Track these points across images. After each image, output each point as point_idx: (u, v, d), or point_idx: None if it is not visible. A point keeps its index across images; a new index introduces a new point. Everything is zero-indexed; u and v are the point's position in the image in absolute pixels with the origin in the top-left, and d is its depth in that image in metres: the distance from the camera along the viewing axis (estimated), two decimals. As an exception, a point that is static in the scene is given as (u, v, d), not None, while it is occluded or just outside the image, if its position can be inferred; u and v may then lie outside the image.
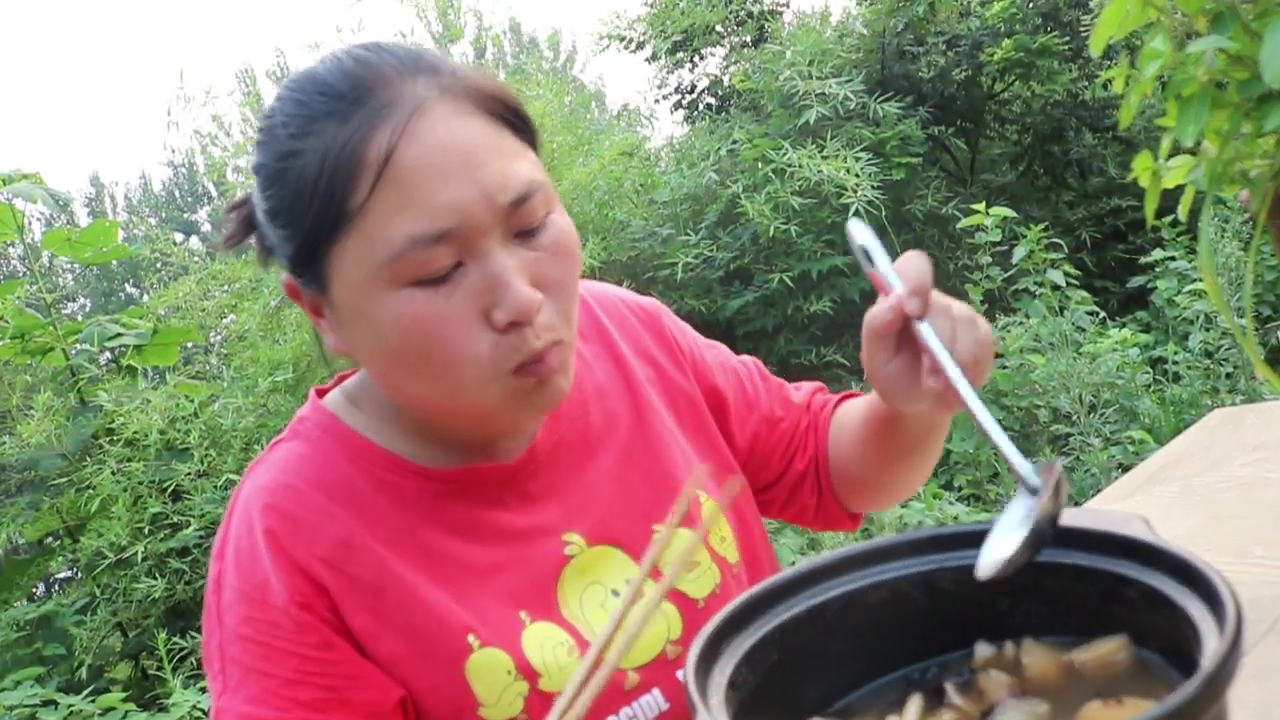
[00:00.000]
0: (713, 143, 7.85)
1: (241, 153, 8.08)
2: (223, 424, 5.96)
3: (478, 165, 1.10)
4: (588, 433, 1.37)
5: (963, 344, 1.14)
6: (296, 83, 1.16)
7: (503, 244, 1.12)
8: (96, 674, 5.35)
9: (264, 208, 1.17)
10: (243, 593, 1.18)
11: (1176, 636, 0.82)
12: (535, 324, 1.13)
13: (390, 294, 1.10)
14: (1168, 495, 1.81)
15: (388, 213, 1.08)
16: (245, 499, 1.24)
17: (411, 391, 1.20)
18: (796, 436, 1.55)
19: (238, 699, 1.14)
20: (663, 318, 1.55)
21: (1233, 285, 5.57)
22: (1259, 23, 1.04)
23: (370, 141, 1.08)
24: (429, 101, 1.11)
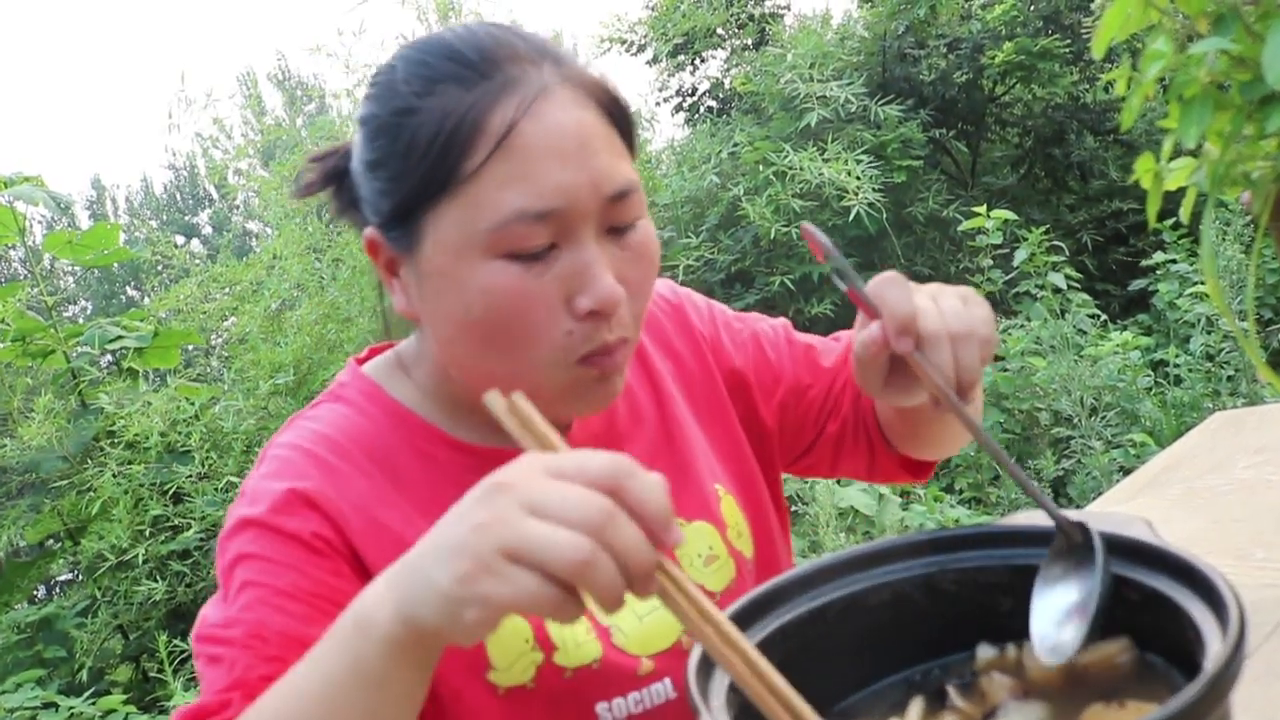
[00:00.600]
0: (714, 145, 7.86)
1: (243, 155, 8.09)
2: (224, 426, 5.97)
3: (591, 153, 1.13)
4: (615, 426, 1.39)
5: (966, 364, 1.07)
6: (424, 44, 1.18)
7: (596, 236, 1.14)
8: (97, 676, 5.36)
9: (365, 158, 1.19)
10: (254, 519, 1.18)
11: (1179, 639, 0.81)
12: (612, 320, 1.16)
13: (484, 262, 1.12)
14: (1169, 498, 1.81)
15: (499, 183, 1.10)
16: (282, 444, 1.26)
17: (477, 364, 1.20)
18: (829, 400, 1.52)
19: (230, 608, 1.13)
20: (686, 305, 1.55)
21: (1234, 288, 5.58)
22: (1261, 24, 1.04)
23: (493, 112, 1.10)
24: (553, 86, 1.13)
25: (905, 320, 1.05)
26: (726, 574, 1.36)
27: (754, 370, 1.52)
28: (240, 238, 13.34)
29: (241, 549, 1.16)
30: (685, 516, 1.37)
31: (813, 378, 1.53)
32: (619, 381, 1.22)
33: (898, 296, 1.06)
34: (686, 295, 1.58)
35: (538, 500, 0.81)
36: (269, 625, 1.11)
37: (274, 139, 8.30)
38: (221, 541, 1.20)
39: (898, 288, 1.07)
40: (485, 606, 0.81)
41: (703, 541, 1.36)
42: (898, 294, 1.06)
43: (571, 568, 0.78)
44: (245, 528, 1.18)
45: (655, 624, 1.30)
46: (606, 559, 0.78)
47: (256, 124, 9.32)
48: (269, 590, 1.13)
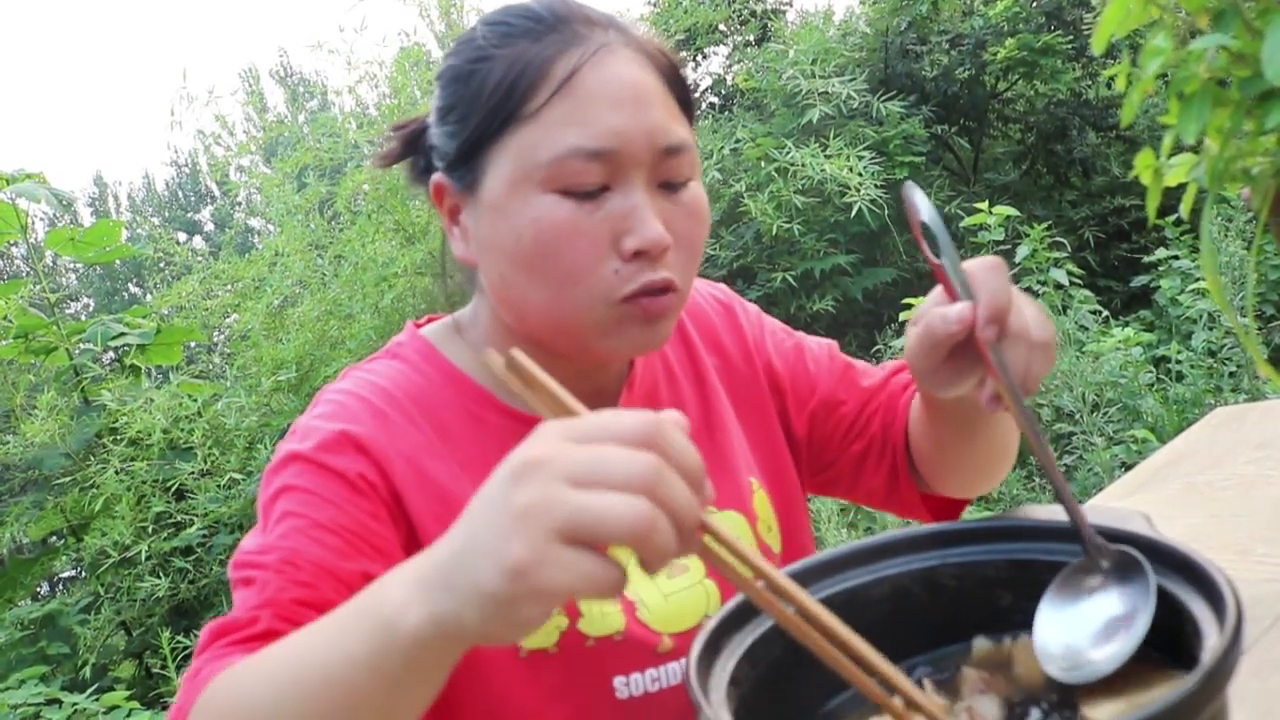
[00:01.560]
0: (716, 142, 7.85)
1: (245, 152, 8.08)
2: (226, 423, 5.98)
3: (647, 105, 1.20)
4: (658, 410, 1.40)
5: (1034, 373, 1.07)
6: (505, 8, 1.27)
7: (647, 184, 1.20)
8: (100, 673, 5.37)
9: (438, 105, 1.27)
10: (300, 454, 1.21)
11: (1177, 633, 0.82)
12: (657, 264, 1.20)
13: (539, 196, 1.18)
14: (1170, 493, 1.81)
15: (558, 121, 1.17)
16: (336, 389, 1.30)
17: (527, 298, 1.24)
18: (860, 420, 1.54)
19: (269, 536, 1.15)
20: (736, 307, 1.60)
21: (1235, 284, 5.57)
22: (1261, 20, 1.04)
23: (558, 60, 1.19)
24: (616, 45, 1.23)
25: (999, 309, 1.05)
26: None
27: (791, 377, 1.55)
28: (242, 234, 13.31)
29: (286, 481, 1.19)
30: (718, 505, 1.39)
31: (847, 394, 1.55)
32: (664, 328, 1.25)
33: (997, 284, 1.06)
34: (737, 299, 1.63)
35: (579, 469, 0.74)
36: (303, 554, 1.12)
37: (276, 136, 8.28)
38: (267, 474, 1.22)
39: (998, 275, 1.07)
40: (542, 599, 0.74)
41: (732, 530, 1.37)
42: (998, 282, 1.06)
43: (635, 535, 0.72)
44: (292, 461, 1.21)
45: (680, 603, 1.32)
46: (664, 518, 0.74)
47: (258, 121, 9.30)
48: (308, 521, 1.15)
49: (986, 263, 1.08)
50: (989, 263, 1.08)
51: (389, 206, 6.44)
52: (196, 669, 1.03)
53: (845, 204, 6.72)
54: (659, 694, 1.27)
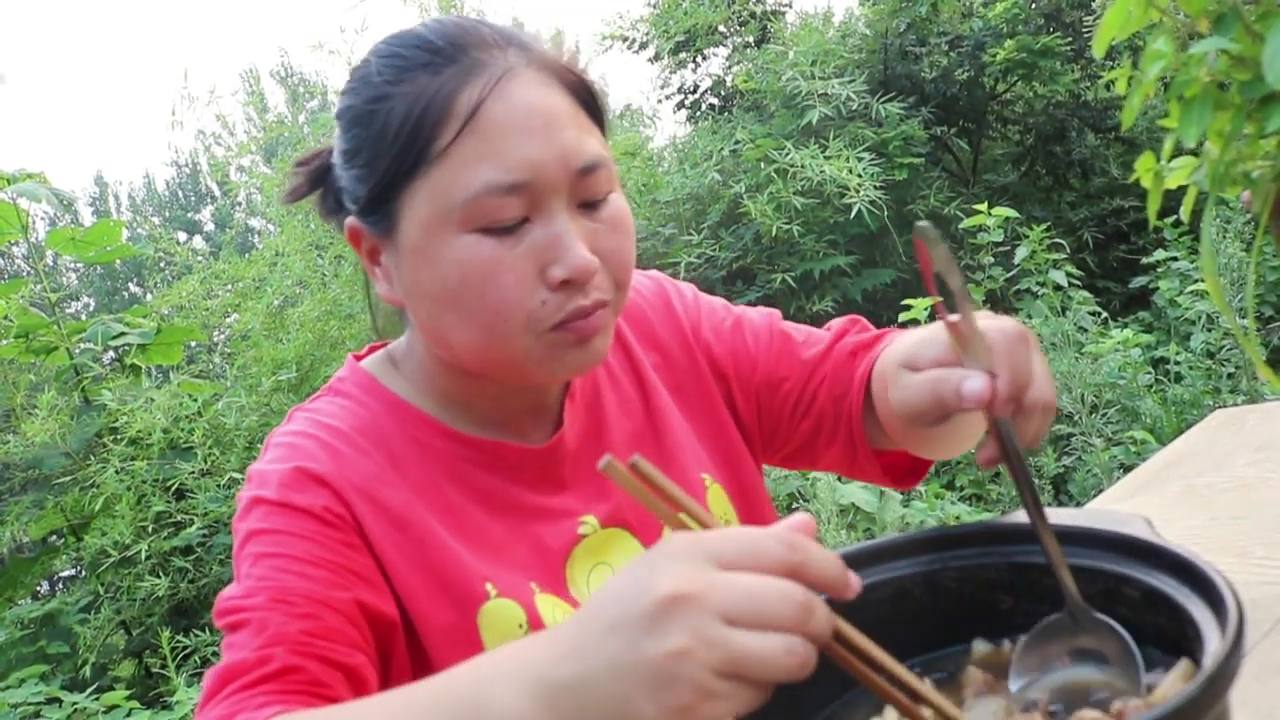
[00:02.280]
0: (715, 143, 7.85)
1: (245, 152, 8.08)
2: (226, 423, 5.98)
3: (557, 129, 1.18)
4: (603, 419, 1.42)
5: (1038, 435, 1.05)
6: (396, 37, 1.24)
7: (567, 209, 1.18)
8: (100, 672, 5.37)
9: (342, 148, 1.24)
10: (264, 499, 1.19)
11: (1178, 636, 0.82)
12: (587, 288, 1.19)
13: (458, 237, 1.16)
14: (1169, 495, 1.81)
15: (468, 159, 1.15)
16: (284, 432, 1.29)
17: (457, 337, 1.23)
18: (805, 396, 1.50)
19: (249, 580, 1.13)
20: (670, 293, 1.57)
21: (1235, 286, 5.57)
22: (1261, 24, 1.04)
23: (460, 93, 1.16)
24: (519, 68, 1.19)
25: (1020, 388, 1.01)
26: None
27: (733, 359, 1.52)
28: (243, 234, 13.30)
29: (253, 526, 1.18)
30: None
31: (789, 370, 1.51)
32: (600, 344, 1.24)
33: (1021, 360, 1.02)
34: (670, 283, 1.60)
35: (734, 608, 0.73)
36: (292, 589, 1.11)
37: (276, 136, 8.29)
38: (235, 524, 1.21)
39: (1022, 349, 1.03)
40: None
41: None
42: (1021, 357, 1.02)
43: (793, 674, 0.73)
44: (255, 506, 1.19)
45: None
46: (813, 652, 0.74)
47: (259, 121, 9.30)
48: (286, 559, 1.14)
49: (1011, 333, 1.04)
50: (1014, 333, 1.04)
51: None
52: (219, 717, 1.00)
53: (845, 205, 6.72)
54: None
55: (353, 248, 1.29)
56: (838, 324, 1.55)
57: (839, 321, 1.56)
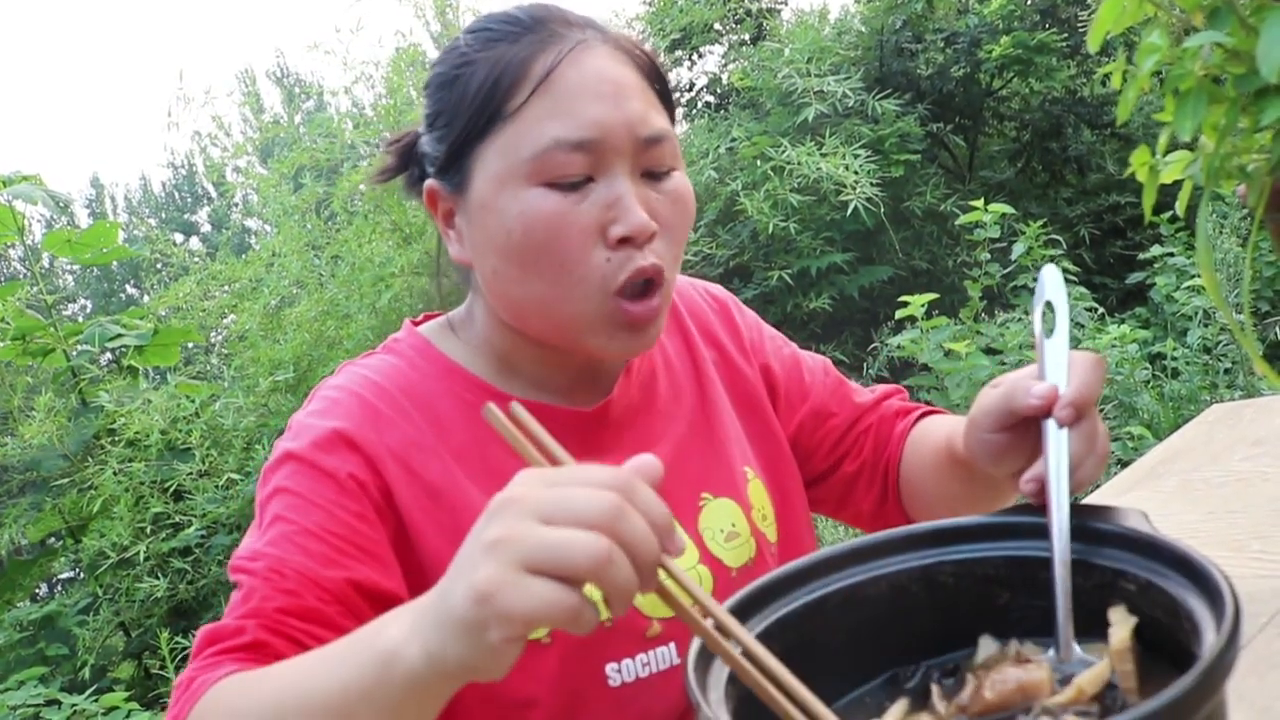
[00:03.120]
0: (711, 140, 7.85)
1: (241, 153, 8.07)
2: (224, 424, 5.98)
3: (626, 98, 1.24)
4: (655, 400, 1.45)
5: (1084, 474, 1.06)
6: (487, 15, 1.31)
7: (630, 174, 1.24)
8: (99, 674, 5.37)
9: (426, 113, 1.32)
10: (293, 453, 1.23)
11: (1174, 630, 0.82)
12: (645, 250, 1.24)
13: (525, 190, 1.21)
14: (1166, 490, 1.81)
15: (540, 117, 1.21)
16: (331, 385, 1.33)
17: (522, 293, 1.27)
18: (850, 436, 1.57)
19: (260, 540, 1.18)
20: (731, 307, 1.63)
21: (1231, 281, 5.57)
22: (1256, 17, 1.05)
23: (536, 59, 1.23)
24: (594, 42, 1.26)
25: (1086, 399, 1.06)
26: (746, 552, 1.40)
27: (786, 382, 1.58)
28: (239, 235, 13.33)
29: (279, 483, 1.22)
30: (713, 492, 1.42)
31: (839, 408, 1.58)
32: (651, 333, 1.28)
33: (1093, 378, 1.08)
34: (734, 301, 1.65)
35: (548, 508, 0.80)
36: (289, 562, 1.15)
37: (272, 136, 8.29)
38: (265, 471, 1.25)
39: (1096, 371, 1.09)
40: (506, 623, 0.78)
41: (726, 517, 1.41)
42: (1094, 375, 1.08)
43: (592, 566, 0.77)
44: (286, 460, 1.23)
45: None
46: (621, 554, 0.79)
47: (255, 122, 9.30)
48: (296, 528, 1.17)
49: (1090, 357, 1.10)
50: (1092, 358, 1.10)
51: (385, 207, 6.45)
52: (190, 677, 1.07)
53: (841, 202, 6.72)
54: (650, 679, 1.29)
55: (429, 211, 1.35)
56: (884, 388, 1.63)
57: (884, 386, 1.64)
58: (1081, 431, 1.06)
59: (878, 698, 0.97)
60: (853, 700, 0.98)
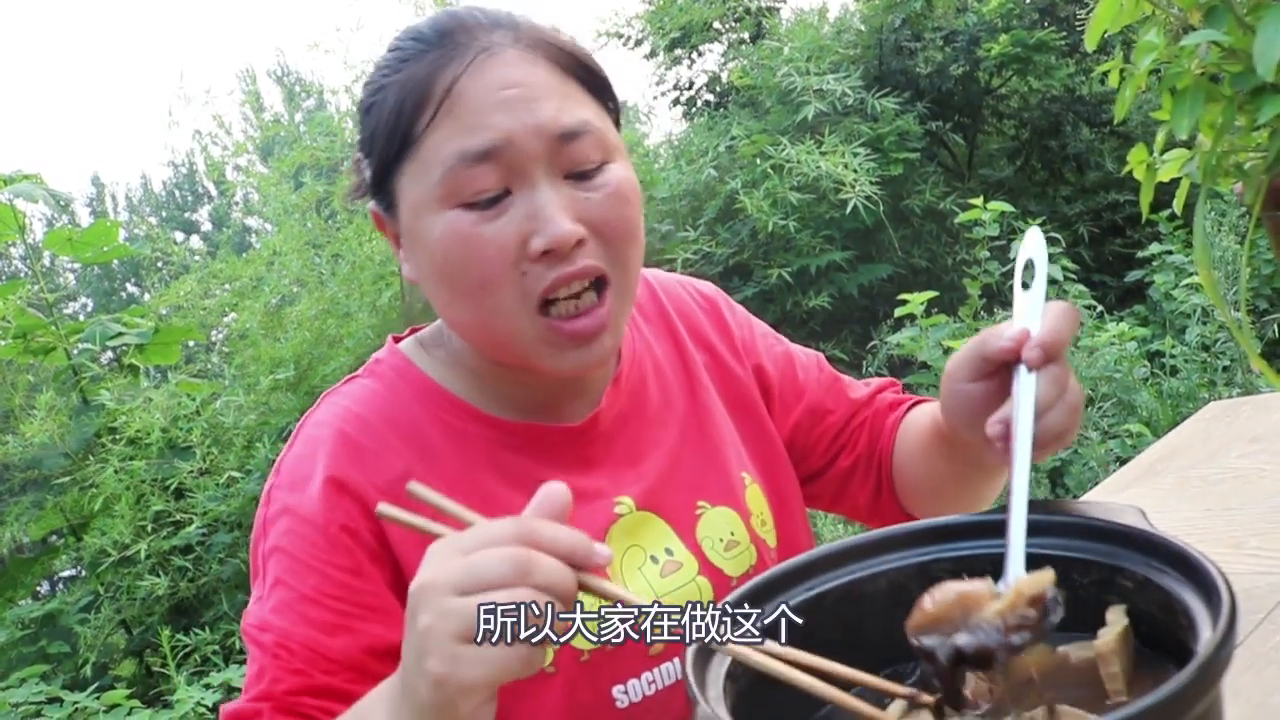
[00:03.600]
0: (711, 139, 7.85)
1: (241, 151, 8.08)
2: (224, 422, 5.98)
3: (534, 99, 1.19)
4: (645, 407, 1.43)
5: (1051, 421, 1.08)
6: (399, 33, 1.28)
7: (550, 179, 1.19)
8: (101, 671, 5.37)
9: (358, 141, 1.30)
10: (289, 507, 1.23)
11: (1171, 626, 0.82)
12: (572, 257, 1.19)
13: (441, 213, 1.19)
14: (1164, 487, 1.81)
15: (444, 136, 1.18)
16: (315, 422, 1.31)
17: (453, 316, 1.27)
18: (845, 432, 1.56)
19: (264, 606, 1.19)
20: (721, 305, 1.60)
21: (1229, 279, 5.57)
22: (1252, 16, 1.05)
23: (439, 76, 1.19)
24: (500, 46, 1.21)
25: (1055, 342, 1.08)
26: (747, 560, 1.39)
27: (780, 381, 1.56)
28: (239, 234, 13.32)
29: (276, 541, 1.22)
30: (710, 501, 1.40)
31: (835, 404, 1.57)
32: (607, 341, 1.25)
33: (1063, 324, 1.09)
34: (724, 298, 1.63)
35: (461, 581, 0.84)
36: (293, 636, 1.16)
37: (273, 135, 8.30)
38: (263, 524, 1.25)
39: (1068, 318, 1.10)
40: (470, 694, 0.84)
41: (725, 526, 1.39)
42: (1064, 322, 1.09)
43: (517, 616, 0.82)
44: (281, 516, 1.23)
45: (673, 603, 1.32)
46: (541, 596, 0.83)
47: (255, 120, 9.31)
48: (295, 595, 1.18)
49: (1062, 305, 1.11)
50: (1064, 306, 1.11)
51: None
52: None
53: (840, 200, 6.72)
54: (656, 696, 1.28)
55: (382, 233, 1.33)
56: (878, 381, 1.63)
57: (879, 380, 1.63)
58: (1050, 376, 1.07)
59: (877, 695, 0.97)
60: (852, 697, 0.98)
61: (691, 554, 1.35)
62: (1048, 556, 0.94)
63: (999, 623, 0.86)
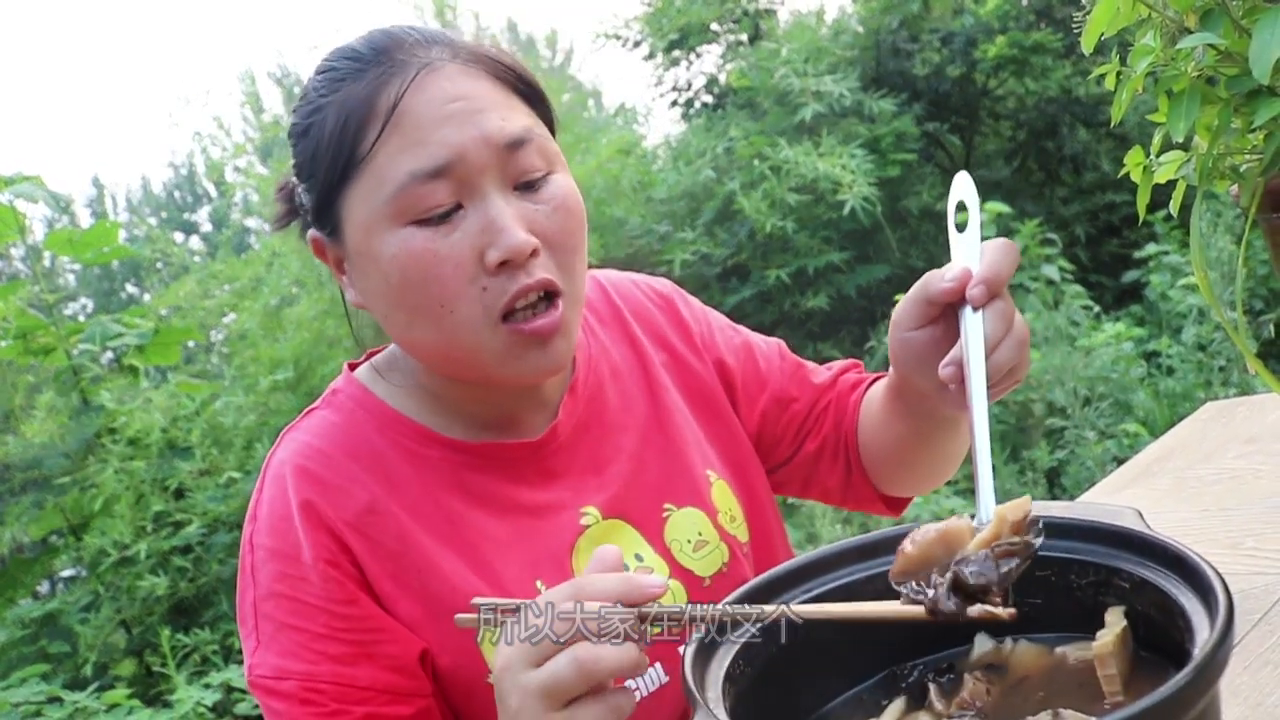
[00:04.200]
0: (709, 140, 7.85)
1: (241, 153, 8.08)
2: (224, 422, 5.97)
3: (479, 111, 1.19)
4: (604, 413, 1.42)
5: (1002, 356, 1.10)
6: (331, 52, 1.26)
7: (500, 191, 1.19)
8: (101, 671, 5.36)
9: (293, 163, 1.29)
10: (274, 550, 1.22)
11: (1169, 627, 0.83)
12: (528, 268, 1.19)
13: (393, 232, 1.18)
14: (1161, 488, 1.82)
15: (392, 154, 1.17)
16: (279, 461, 1.29)
17: (412, 337, 1.25)
18: (811, 417, 1.55)
19: (270, 653, 1.17)
20: (678, 301, 1.59)
21: (1225, 279, 5.58)
22: (1248, 19, 1.06)
23: (381, 93, 1.18)
24: (440, 62, 1.21)
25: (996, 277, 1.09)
26: (718, 559, 1.39)
27: (741, 373, 1.55)
28: (239, 234, 13.29)
29: (272, 587, 1.20)
30: (675, 502, 1.39)
31: (800, 392, 1.56)
32: (562, 345, 1.25)
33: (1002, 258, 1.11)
34: (679, 293, 1.61)
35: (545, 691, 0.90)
36: (319, 675, 1.15)
37: (273, 136, 8.28)
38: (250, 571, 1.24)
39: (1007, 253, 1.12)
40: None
41: (692, 527, 1.39)
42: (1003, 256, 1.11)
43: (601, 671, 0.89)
44: (269, 561, 1.22)
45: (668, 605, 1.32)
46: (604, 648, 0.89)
47: (255, 121, 9.31)
48: (307, 635, 1.17)
49: (1001, 241, 1.12)
50: (1003, 242, 1.12)
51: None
52: None
53: (838, 201, 6.73)
54: (641, 702, 1.26)
55: (322, 260, 1.31)
56: (839, 364, 1.61)
57: (841, 362, 1.62)
58: (995, 311, 1.09)
59: (875, 695, 0.98)
60: (850, 698, 0.99)
61: (661, 558, 1.36)
62: (1046, 558, 0.94)
63: (986, 552, 0.87)
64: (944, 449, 1.46)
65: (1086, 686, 0.88)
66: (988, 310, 1.09)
